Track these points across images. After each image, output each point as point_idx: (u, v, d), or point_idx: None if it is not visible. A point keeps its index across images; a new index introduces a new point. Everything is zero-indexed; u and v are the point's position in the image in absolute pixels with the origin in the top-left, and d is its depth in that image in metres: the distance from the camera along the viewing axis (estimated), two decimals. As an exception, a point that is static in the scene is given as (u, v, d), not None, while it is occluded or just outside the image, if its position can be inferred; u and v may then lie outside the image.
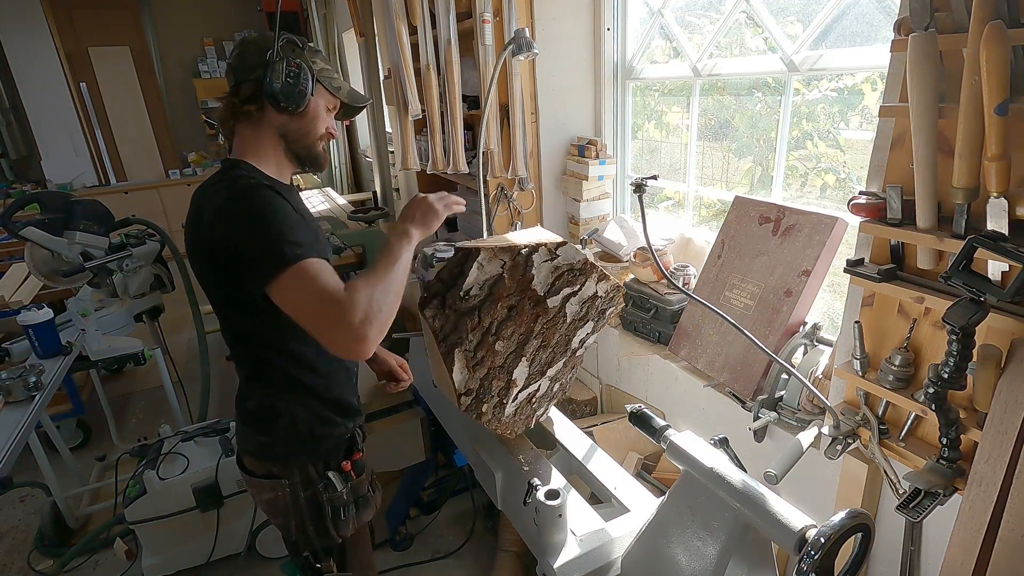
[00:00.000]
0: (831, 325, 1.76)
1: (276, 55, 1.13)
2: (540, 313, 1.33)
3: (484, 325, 1.30)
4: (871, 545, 0.82)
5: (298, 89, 1.15)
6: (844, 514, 0.80)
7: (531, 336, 1.35)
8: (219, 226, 1.08)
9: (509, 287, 1.30)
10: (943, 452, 1.14)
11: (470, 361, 1.33)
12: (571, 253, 1.31)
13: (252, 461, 1.31)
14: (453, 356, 1.30)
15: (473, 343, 1.31)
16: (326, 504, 1.28)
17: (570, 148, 2.58)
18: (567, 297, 1.34)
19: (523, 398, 1.48)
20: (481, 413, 1.41)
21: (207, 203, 1.11)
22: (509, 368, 1.38)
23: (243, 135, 1.20)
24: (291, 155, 1.23)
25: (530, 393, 1.49)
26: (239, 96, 1.17)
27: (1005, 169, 0.97)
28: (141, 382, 3.77)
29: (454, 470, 2.44)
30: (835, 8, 1.63)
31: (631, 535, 1.21)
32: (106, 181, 6.25)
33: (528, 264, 1.29)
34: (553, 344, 1.41)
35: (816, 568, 0.75)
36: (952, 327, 1.00)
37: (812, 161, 1.91)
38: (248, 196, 1.09)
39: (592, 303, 1.39)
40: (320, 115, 1.23)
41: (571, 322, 1.39)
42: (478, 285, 1.29)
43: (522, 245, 1.29)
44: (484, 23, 2.23)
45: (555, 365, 1.47)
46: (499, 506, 1.55)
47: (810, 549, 0.76)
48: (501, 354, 1.35)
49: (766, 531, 0.87)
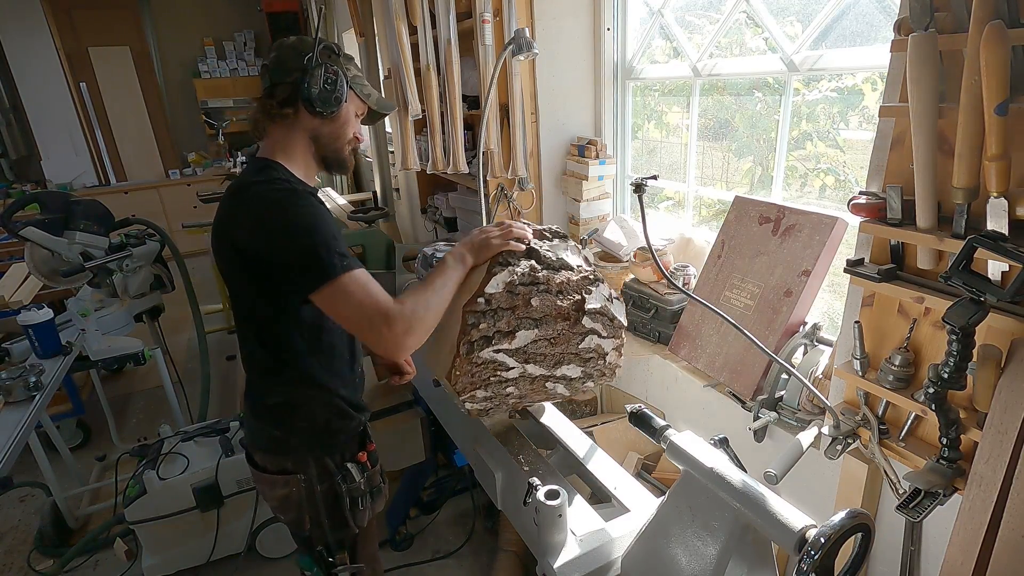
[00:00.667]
0: (831, 325, 1.76)
1: (316, 61, 1.16)
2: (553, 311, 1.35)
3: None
4: (871, 545, 0.82)
5: (334, 95, 1.19)
6: (844, 514, 0.79)
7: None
8: (261, 232, 1.10)
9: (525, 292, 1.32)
10: (943, 452, 1.14)
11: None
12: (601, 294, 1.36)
13: (265, 457, 1.32)
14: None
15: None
16: (344, 495, 1.32)
17: (570, 148, 2.58)
18: (580, 304, 1.35)
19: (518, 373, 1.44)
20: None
21: (245, 205, 1.14)
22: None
23: (275, 136, 1.23)
24: (319, 158, 1.27)
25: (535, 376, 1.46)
26: (275, 98, 1.19)
27: (1005, 169, 0.97)
28: (141, 382, 3.77)
29: (454, 470, 2.44)
30: (835, 8, 1.63)
31: (631, 535, 1.21)
32: (106, 181, 6.25)
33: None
34: (554, 340, 1.39)
35: (816, 568, 0.75)
36: (952, 327, 1.00)
37: (812, 161, 1.91)
38: (292, 204, 1.12)
39: (601, 314, 1.39)
40: (350, 120, 1.27)
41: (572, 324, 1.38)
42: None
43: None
44: (484, 23, 2.23)
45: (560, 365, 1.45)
46: (499, 506, 1.55)
47: (810, 549, 0.76)
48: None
49: (766, 531, 0.87)
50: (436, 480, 2.54)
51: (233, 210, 1.16)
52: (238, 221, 1.14)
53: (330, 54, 1.20)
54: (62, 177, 6.05)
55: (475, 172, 2.18)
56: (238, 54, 7.03)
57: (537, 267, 1.33)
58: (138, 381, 3.79)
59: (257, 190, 1.14)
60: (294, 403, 1.27)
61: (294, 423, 1.27)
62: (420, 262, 2.56)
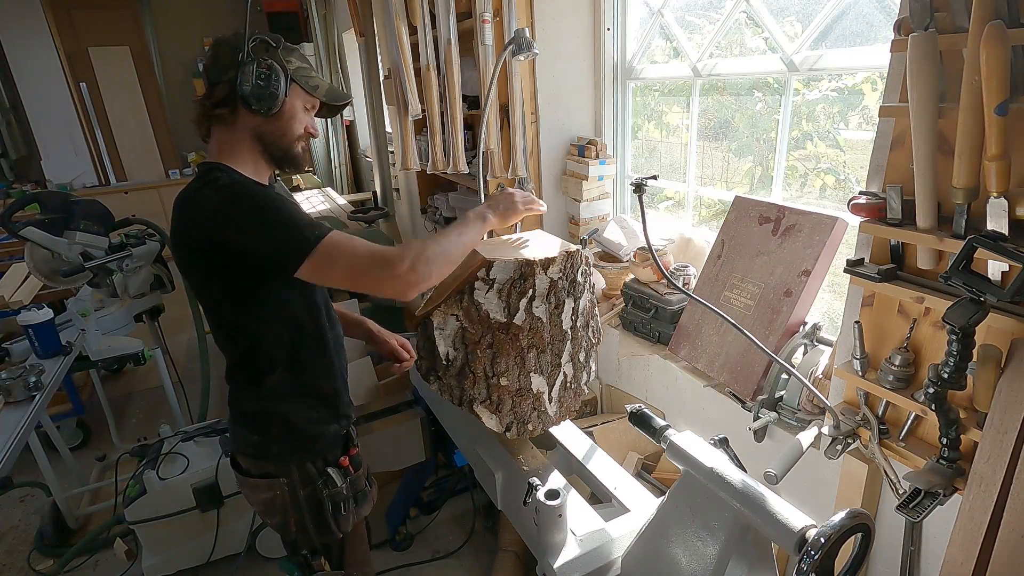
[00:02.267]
0: (831, 325, 1.76)
1: (247, 56, 1.11)
2: (517, 332, 1.34)
3: (480, 374, 1.36)
4: (871, 545, 0.82)
5: (269, 91, 1.12)
6: (844, 514, 0.80)
7: (524, 354, 1.37)
8: (221, 227, 1.07)
9: (474, 332, 1.34)
10: (943, 452, 1.14)
11: (491, 407, 1.38)
12: (504, 268, 1.31)
13: (248, 461, 1.31)
14: (475, 411, 1.38)
15: (483, 393, 1.37)
16: (326, 500, 1.29)
17: (570, 148, 2.58)
18: (528, 304, 1.34)
19: (557, 392, 1.48)
20: (531, 431, 1.45)
21: (195, 208, 1.11)
22: (525, 387, 1.40)
23: (219, 138, 1.18)
24: (268, 156, 1.21)
25: (560, 384, 1.48)
26: (212, 99, 1.14)
27: (1005, 169, 0.97)
28: (141, 382, 3.77)
29: (454, 470, 2.43)
30: (835, 8, 1.63)
31: (631, 535, 1.21)
32: (106, 181, 6.25)
33: (476, 304, 1.32)
34: (548, 343, 1.40)
35: (816, 568, 0.75)
36: (952, 327, 1.00)
37: (812, 161, 1.91)
38: (243, 194, 1.10)
39: (554, 289, 1.37)
40: (297, 115, 1.20)
41: (549, 318, 1.38)
42: (451, 347, 1.37)
43: (456, 289, 1.34)
44: (484, 23, 2.23)
45: (564, 352, 1.46)
46: (499, 506, 1.55)
47: (810, 549, 0.77)
48: (510, 386, 1.38)
49: (766, 531, 0.87)
50: (436, 480, 2.53)
51: (187, 219, 1.12)
52: (192, 225, 1.11)
53: (266, 47, 1.14)
54: (62, 177, 6.04)
55: (475, 172, 2.18)
56: (238, 54, 7.02)
57: None
58: (138, 381, 3.79)
59: (203, 192, 1.10)
60: (273, 410, 1.25)
61: (273, 429, 1.25)
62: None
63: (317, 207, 4.50)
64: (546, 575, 1.21)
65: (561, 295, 1.37)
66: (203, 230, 1.09)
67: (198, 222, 1.10)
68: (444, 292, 1.37)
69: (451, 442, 1.99)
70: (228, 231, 1.07)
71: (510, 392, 1.39)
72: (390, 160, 4.51)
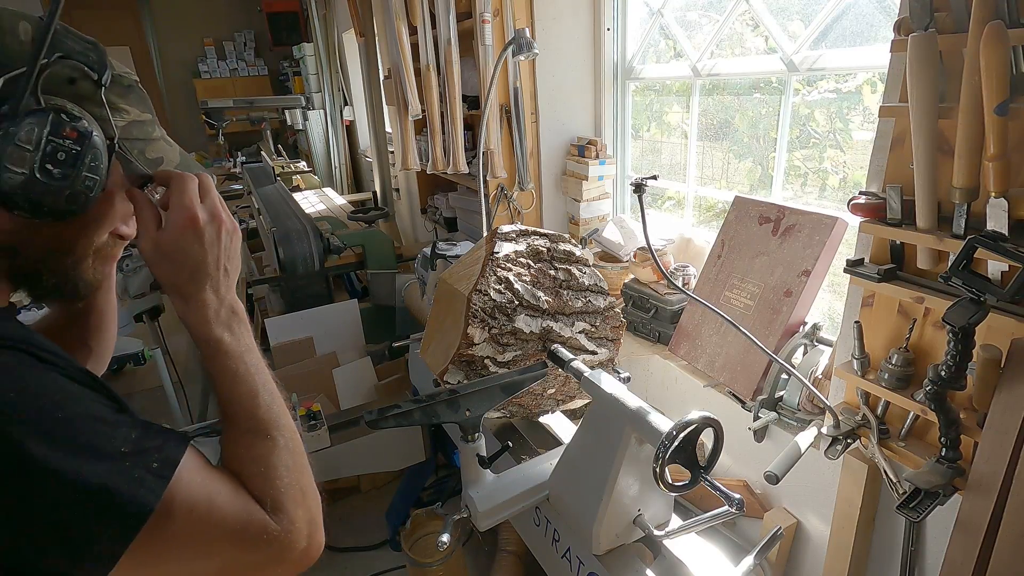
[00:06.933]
0: (831, 325, 1.76)
1: (34, 98, 0.59)
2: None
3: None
4: (722, 438, 1.04)
5: (70, 185, 0.61)
6: (694, 414, 1.01)
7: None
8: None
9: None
10: (943, 452, 1.14)
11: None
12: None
13: None
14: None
15: None
16: None
17: (570, 148, 2.58)
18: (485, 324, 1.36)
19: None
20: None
21: None
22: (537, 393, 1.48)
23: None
24: (13, 274, 0.70)
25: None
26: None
27: (1005, 169, 0.97)
28: (141, 382, 3.77)
29: (454, 470, 2.44)
30: (835, 8, 1.63)
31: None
32: (106, 181, 6.25)
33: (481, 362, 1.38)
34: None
35: (670, 454, 0.97)
36: (952, 327, 1.00)
37: (812, 161, 1.91)
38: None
39: (511, 287, 1.39)
40: (107, 214, 0.69)
41: (516, 309, 1.40)
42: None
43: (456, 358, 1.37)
44: (484, 23, 2.23)
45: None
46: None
47: (664, 440, 0.97)
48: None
49: (646, 438, 1.07)
50: (436, 480, 2.54)
51: None
52: None
53: (74, 79, 0.67)
54: (62, 177, 6.04)
55: (475, 172, 2.18)
56: (238, 54, 7.04)
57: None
58: (138, 381, 3.78)
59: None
60: None
61: None
62: (419, 262, 2.56)
63: (316, 207, 4.49)
64: (471, 496, 1.28)
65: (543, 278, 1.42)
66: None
67: None
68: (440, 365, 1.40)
69: (451, 442, 1.99)
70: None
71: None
72: (390, 160, 4.51)
